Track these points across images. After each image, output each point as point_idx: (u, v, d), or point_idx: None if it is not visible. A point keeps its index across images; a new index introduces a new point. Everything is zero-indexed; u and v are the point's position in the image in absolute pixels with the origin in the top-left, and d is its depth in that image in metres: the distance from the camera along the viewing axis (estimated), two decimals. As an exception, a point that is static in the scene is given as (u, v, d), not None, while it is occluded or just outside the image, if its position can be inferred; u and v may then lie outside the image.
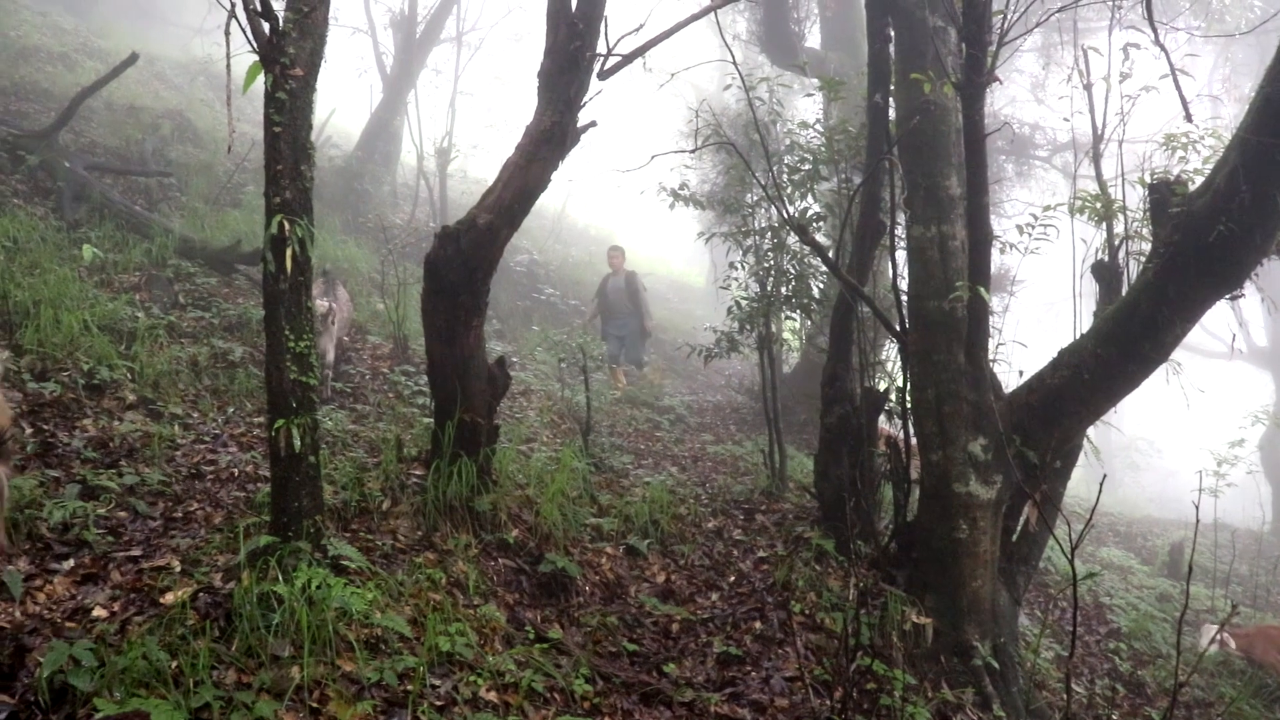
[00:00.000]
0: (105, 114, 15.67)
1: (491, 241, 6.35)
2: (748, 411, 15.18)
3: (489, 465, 6.57)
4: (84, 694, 3.86)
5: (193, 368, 8.56)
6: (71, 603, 4.68)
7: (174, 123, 17.30)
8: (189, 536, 5.56)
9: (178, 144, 16.33)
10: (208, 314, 9.90)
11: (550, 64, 6.75)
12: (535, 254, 19.72)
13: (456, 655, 4.86)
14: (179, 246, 10.98)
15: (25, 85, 16.26)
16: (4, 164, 11.54)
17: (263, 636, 4.41)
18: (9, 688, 3.96)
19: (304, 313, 4.87)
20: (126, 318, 8.85)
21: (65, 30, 22.65)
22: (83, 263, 9.65)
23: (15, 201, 10.77)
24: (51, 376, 7.41)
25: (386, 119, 19.85)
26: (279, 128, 4.95)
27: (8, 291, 8.12)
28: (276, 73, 4.96)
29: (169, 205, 13.29)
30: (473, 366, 6.43)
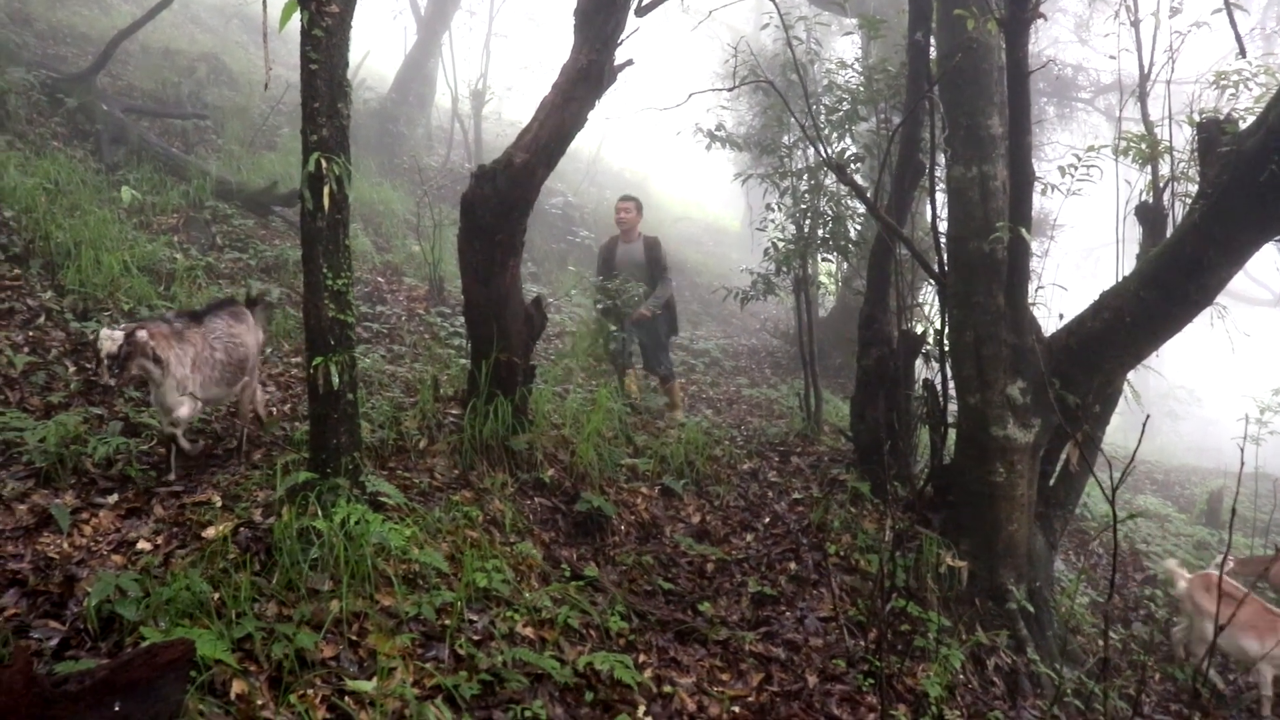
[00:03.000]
0: (141, 57, 15.67)
1: (528, 181, 6.31)
2: (782, 355, 15.15)
3: (525, 405, 6.59)
4: (130, 623, 3.92)
5: (231, 308, 8.60)
6: (116, 536, 4.75)
7: (209, 65, 17.30)
8: (229, 473, 5.63)
9: (213, 87, 16.33)
10: (245, 255, 9.96)
11: (587, 1, 6.66)
12: (570, 196, 19.64)
13: (493, 591, 4.90)
14: (216, 188, 11.02)
15: (62, 28, 16.27)
16: (43, 107, 11.59)
17: (302, 570, 4.46)
18: (59, 615, 4.04)
19: (341, 250, 4.87)
20: (165, 259, 8.92)
21: (101, -28, 22.61)
22: (122, 205, 9.69)
23: (55, 144, 10.83)
24: (93, 316, 7.50)
25: (421, 61, 19.73)
26: (315, 65, 4.91)
27: (50, 233, 8.20)
28: (313, 9, 4.91)
29: (205, 148, 13.33)
30: (509, 306, 6.43)
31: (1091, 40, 18.66)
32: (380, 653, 4.21)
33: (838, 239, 10.01)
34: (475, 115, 18.08)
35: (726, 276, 18.86)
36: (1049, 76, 16.61)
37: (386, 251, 12.53)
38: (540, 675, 4.45)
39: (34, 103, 11.51)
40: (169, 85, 14.91)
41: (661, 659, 5.18)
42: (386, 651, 4.21)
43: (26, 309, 7.33)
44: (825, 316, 15.03)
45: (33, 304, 7.44)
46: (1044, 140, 17.18)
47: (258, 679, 3.86)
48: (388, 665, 4.12)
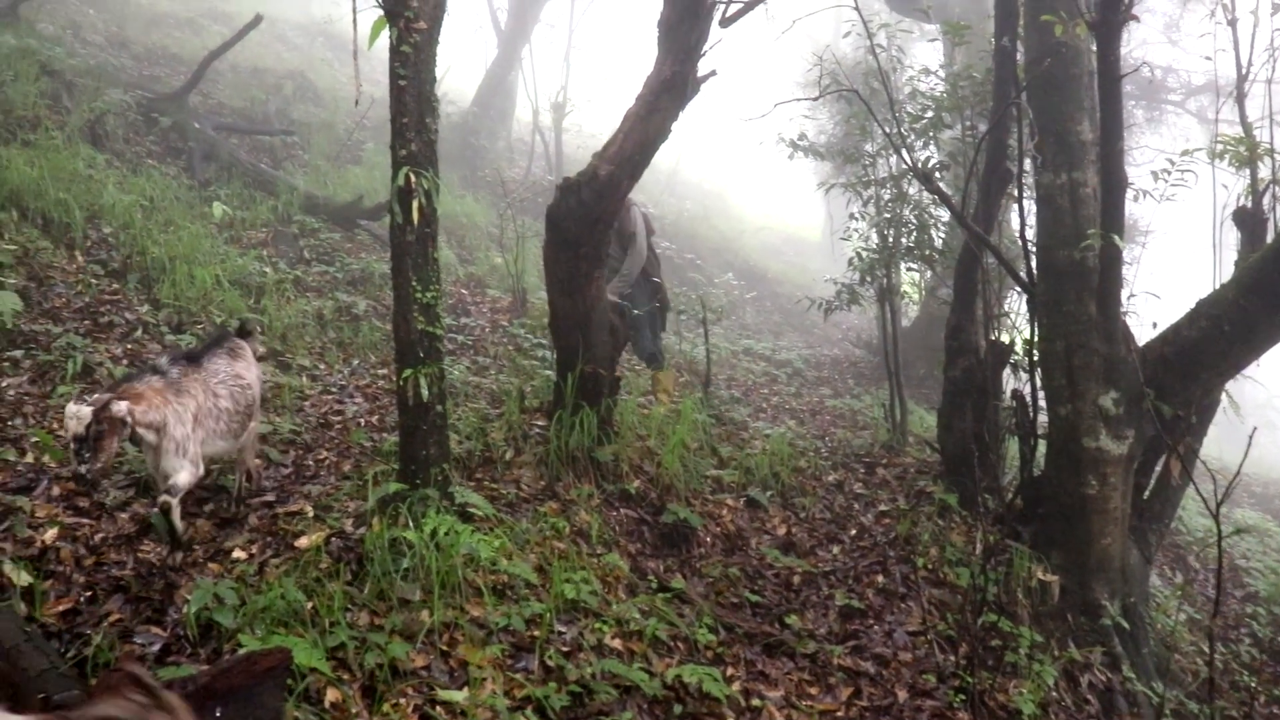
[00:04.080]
0: (231, 76, 16.05)
1: (613, 192, 6.33)
2: (865, 365, 15.01)
3: (610, 416, 6.60)
4: (228, 630, 4.00)
5: (318, 321, 8.78)
6: (213, 544, 4.86)
7: (295, 83, 17.67)
8: (320, 483, 5.72)
9: (299, 103, 16.66)
10: (332, 268, 10.14)
11: (670, 12, 6.66)
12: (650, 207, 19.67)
13: (581, 602, 4.91)
14: (303, 203, 11.23)
15: (156, 50, 16.74)
16: (139, 126, 11.92)
17: (393, 580, 4.52)
18: (160, 621, 4.14)
19: (430, 263, 4.93)
20: (255, 272, 9.11)
21: (193, -5, 23.23)
22: (213, 220, 9.94)
23: (149, 162, 11.13)
24: (187, 329, 7.68)
25: (501, 75, 19.93)
26: (404, 81, 4.99)
27: (146, 248, 8.43)
28: (401, 26, 5.00)
29: (293, 163, 13.60)
30: (594, 318, 6.45)
31: (1182, 40, 18.26)
32: (471, 663, 4.24)
33: (922, 248, 9.90)
34: (556, 127, 18.20)
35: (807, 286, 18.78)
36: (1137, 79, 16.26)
37: (470, 264, 12.66)
38: (629, 687, 4.45)
39: (131, 122, 11.85)
40: (257, 103, 15.27)
41: (749, 672, 5.15)
42: (477, 662, 4.24)
43: (125, 322, 7.53)
44: (909, 326, 14.86)
45: (130, 317, 7.64)
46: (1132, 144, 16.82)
47: (351, 687, 3.91)
48: (478, 676, 4.15)
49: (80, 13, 17.32)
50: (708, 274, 17.79)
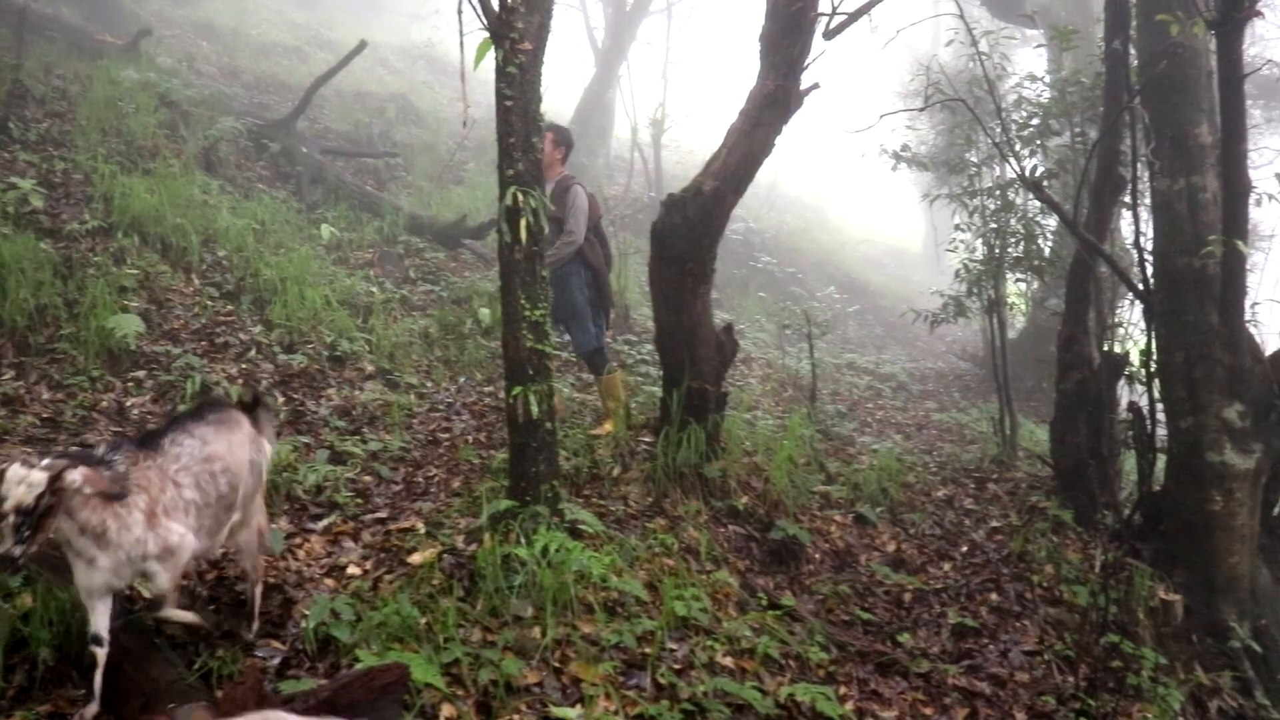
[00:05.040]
0: (336, 101, 16.43)
1: (717, 208, 6.32)
2: (971, 378, 14.75)
3: (718, 432, 6.58)
4: (345, 645, 4.07)
5: (425, 339, 8.92)
6: (328, 560, 4.95)
7: (398, 106, 18.02)
8: (430, 500, 5.80)
9: (402, 125, 16.99)
10: (437, 287, 10.30)
11: (772, 26, 6.64)
12: (751, 222, 19.61)
13: (692, 620, 4.88)
14: (408, 223, 11.44)
15: (265, 79, 17.24)
16: (250, 152, 12.26)
17: (505, 597, 4.55)
18: (279, 635, 4.23)
19: (538, 281, 4.97)
20: (362, 292, 9.29)
21: (298, 25, 23.90)
22: (321, 241, 10.17)
23: (260, 186, 11.44)
24: (298, 349, 7.86)
25: (599, 93, 20.07)
26: (510, 101, 5.05)
27: (258, 270, 8.66)
28: (506, 48, 5.05)
29: (396, 185, 13.85)
30: (700, 334, 6.44)
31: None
32: (584, 680, 4.24)
33: (1030, 258, 9.70)
34: (655, 143, 18.25)
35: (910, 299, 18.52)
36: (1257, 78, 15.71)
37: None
38: (742, 706, 4.40)
39: (242, 149, 12.20)
40: (361, 126, 15.61)
41: (862, 691, 5.07)
42: (590, 679, 4.24)
43: (239, 342, 7.73)
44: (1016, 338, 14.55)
45: (244, 337, 7.85)
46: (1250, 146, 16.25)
47: (466, 703, 3.93)
48: (591, 693, 4.14)
49: (195, 45, 17.93)
50: (809, 288, 17.68)
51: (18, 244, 7.47)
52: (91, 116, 10.59)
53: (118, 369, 6.97)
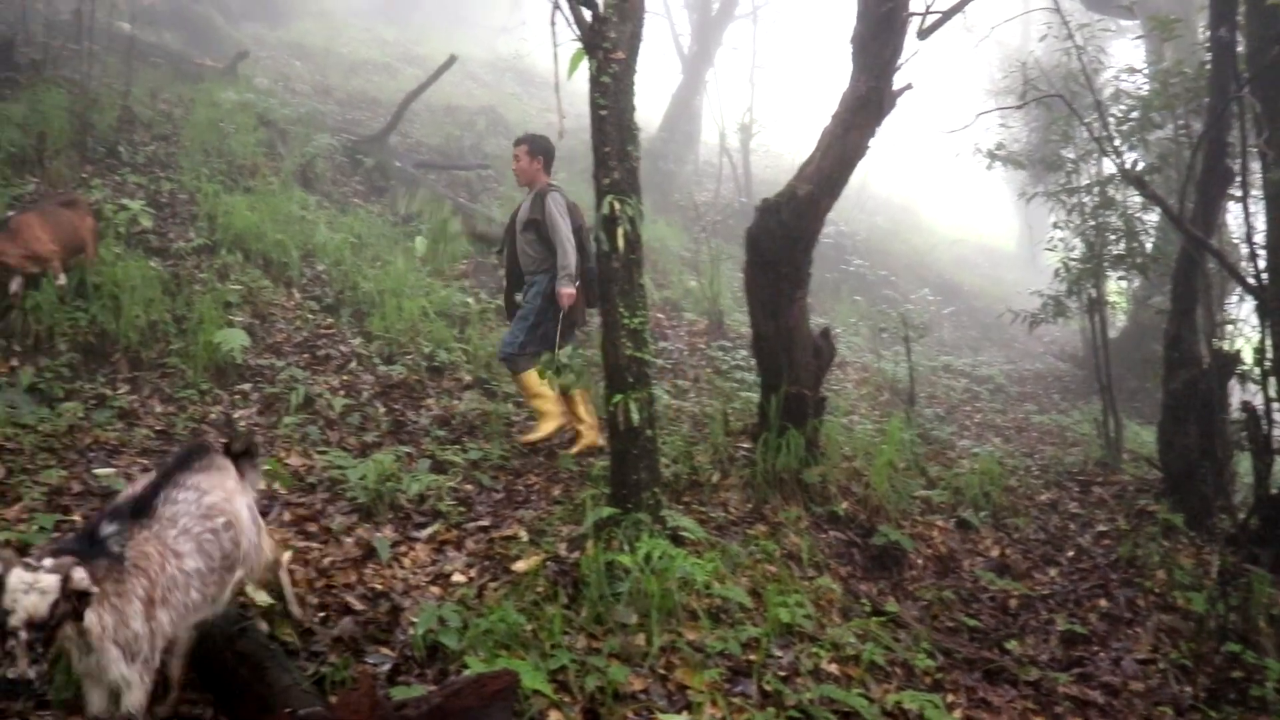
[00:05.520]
0: (426, 115, 16.69)
1: (812, 212, 6.28)
2: (1071, 379, 14.45)
3: (816, 437, 6.52)
4: (453, 652, 4.11)
5: (521, 349, 8.98)
6: (433, 567, 5.02)
7: (487, 118, 18.26)
8: (531, 508, 5.84)
9: (491, 137, 17.19)
10: (530, 297, 10.38)
11: (862, 28, 6.58)
12: (841, 225, 19.46)
13: (796, 626, 4.84)
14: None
15: (357, 95, 17.59)
16: (345, 168, 12.52)
17: (610, 604, 4.55)
18: (388, 642, 4.30)
19: (636, 289, 4.98)
20: (458, 303, 9.42)
21: (387, 41, 24.35)
22: (416, 254, 10.32)
23: (356, 201, 11.67)
24: (397, 360, 8.00)
25: (686, 99, 20.10)
26: (604, 111, 5.07)
27: (357, 283, 8.83)
28: (600, 58, 5.08)
29: (488, 196, 14.02)
30: (797, 339, 6.40)
31: None
32: (689, 687, 4.23)
33: (1132, 255, 9.46)
34: (743, 149, 18.21)
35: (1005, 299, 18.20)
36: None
37: (665, 288, 12.75)
38: (848, 713, 4.35)
39: (337, 165, 12.46)
40: (452, 139, 15.85)
41: (970, 699, 4.97)
42: (695, 685, 4.22)
43: (340, 354, 7.88)
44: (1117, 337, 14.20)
45: (345, 350, 8.00)
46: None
47: (573, 710, 3.94)
48: (698, 700, 4.13)
49: (288, 65, 18.36)
50: (902, 290, 17.47)
51: (129, 263, 7.71)
52: (195, 138, 10.90)
53: (225, 382, 7.15)
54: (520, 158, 7.17)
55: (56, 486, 5.31)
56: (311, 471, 6.01)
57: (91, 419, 6.35)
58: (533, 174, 7.14)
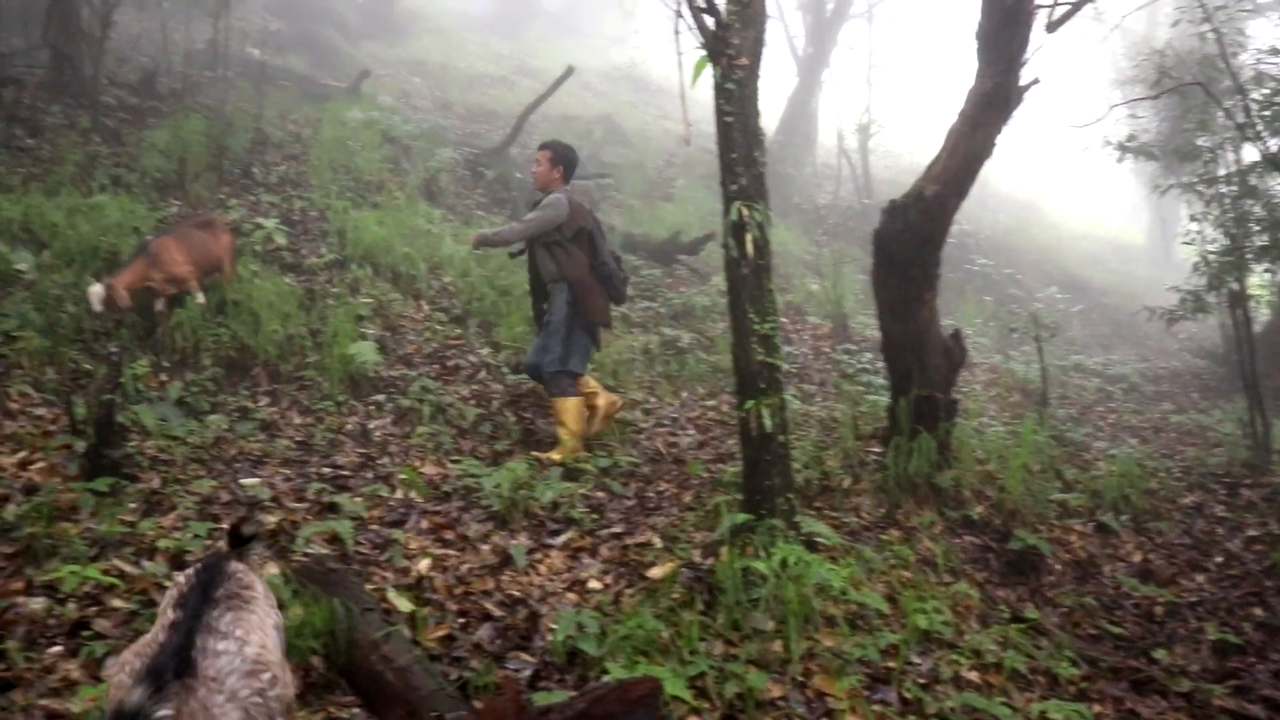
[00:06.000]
0: (544, 125, 16.87)
1: (940, 212, 6.18)
2: (1210, 377, 13.92)
3: (948, 441, 6.41)
4: (592, 658, 4.14)
5: (646, 355, 9.04)
6: (568, 574, 5.07)
7: (604, 127, 18.43)
8: (663, 515, 5.86)
9: (609, 146, 17.34)
10: (654, 304, 10.44)
11: (988, 22, 6.45)
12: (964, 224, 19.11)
13: (935, 633, 4.76)
14: (622, 242, 11.61)
15: (475, 109, 17.93)
16: (467, 181, 12.77)
17: (746, 610, 4.54)
18: (527, 648, 4.36)
19: (766, 295, 4.97)
20: (582, 312, 9.49)
21: (502, 55, 24.75)
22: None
23: (478, 213, 11.88)
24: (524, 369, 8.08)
25: (803, 101, 19.98)
26: (730, 118, 5.06)
27: (483, 294, 8.99)
28: (724, 64, 5.08)
29: (608, 204, 14.12)
30: (927, 341, 6.30)
31: None
32: (828, 694, 4.19)
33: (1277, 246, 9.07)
34: (862, 150, 18.02)
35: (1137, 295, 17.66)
36: None
37: (787, 292, 12.68)
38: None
39: (459, 178, 12.71)
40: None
41: (1118, 710, 4.82)
42: (834, 693, 4.18)
43: (469, 364, 8.02)
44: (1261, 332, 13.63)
45: (474, 359, 8.14)
46: None
47: (712, 716, 3.94)
48: (837, 707, 4.09)
49: (408, 82, 18.80)
50: (1028, 289, 17.08)
51: (266, 280, 7.97)
52: (323, 156, 11.23)
53: (359, 393, 7.34)
54: (541, 162, 7.25)
55: (207, 496, 5.52)
56: (446, 480, 6.13)
57: (235, 430, 6.58)
58: (549, 180, 7.19)
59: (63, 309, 7.08)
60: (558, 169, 7.19)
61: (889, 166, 20.24)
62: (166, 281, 7.25)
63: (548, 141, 7.45)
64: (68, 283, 7.36)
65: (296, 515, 5.46)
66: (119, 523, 4.96)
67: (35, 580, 4.45)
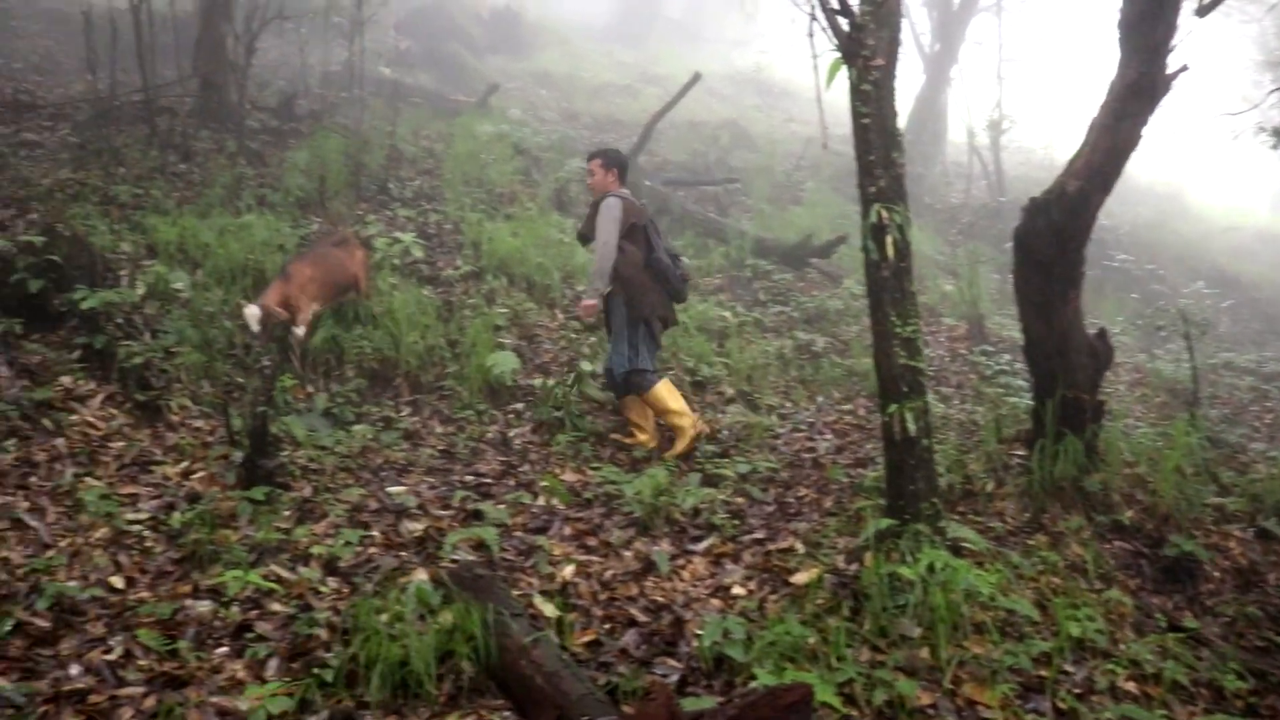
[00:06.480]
0: (670, 132, 16.96)
1: (1084, 209, 6.01)
2: (1380, 374, 13.23)
3: (1095, 443, 6.23)
4: (739, 664, 4.15)
5: (780, 360, 9.01)
6: (711, 581, 5.08)
7: (730, 132, 18.42)
8: (804, 520, 5.83)
9: (736, 151, 17.33)
10: (787, 308, 10.41)
11: (1131, 10, 6.26)
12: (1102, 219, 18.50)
13: (1088, 641, 4.64)
14: (753, 247, 11.60)
15: (602, 118, 18.11)
16: (597, 190, 12.87)
17: (892, 616, 4.49)
18: (673, 654, 4.39)
19: (908, 297, 4.92)
20: (715, 317, 9.51)
21: (626, 64, 24.94)
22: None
23: (608, 221, 11.96)
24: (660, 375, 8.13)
25: (931, 99, 19.64)
26: (867, 119, 5.02)
27: (618, 302, 9.05)
28: (859, 65, 5.03)
29: (737, 209, 14.12)
30: (1072, 341, 6.13)
31: None
32: (979, 702, 4.12)
33: None
34: (994, 146, 17.61)
35: (1294, 290, 16.94)
36: None
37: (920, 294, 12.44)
38: (1151, 735, 4.14)
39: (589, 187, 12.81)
40: (697, 155, 16.07)
41: (1290, 724, 4.63)
42: (986, 701, 4.11)
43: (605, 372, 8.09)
44: None
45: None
46: None
47: (860, 724, 3.92)
48: (989, 716, 4.02)
49: (535, 94, 19.09)
50: (1172, 285, 16.47)
51: (405, 292, 8.18)
52: (455, 170, 11.49)
53: (499, 402, 7.49)
54: (595, 171, 7.36)
55: (356, 504, 5.69)
56: (586, 487, 6.21)
57: (380, 440, 6.77)
58: (607, 186, 7.28)
59: (216, 325, 7.37)
60: (612, 173, 7.30)
61: (1022, 163, 19.78)
62: (302, 310, 7.33)
63: (595, 151, 7.63)
64: (220, 300, 7.66)
65: (442, 522, 5.61)
66: (275, 530, 5.17)
67: (201, 584, 4.67)
